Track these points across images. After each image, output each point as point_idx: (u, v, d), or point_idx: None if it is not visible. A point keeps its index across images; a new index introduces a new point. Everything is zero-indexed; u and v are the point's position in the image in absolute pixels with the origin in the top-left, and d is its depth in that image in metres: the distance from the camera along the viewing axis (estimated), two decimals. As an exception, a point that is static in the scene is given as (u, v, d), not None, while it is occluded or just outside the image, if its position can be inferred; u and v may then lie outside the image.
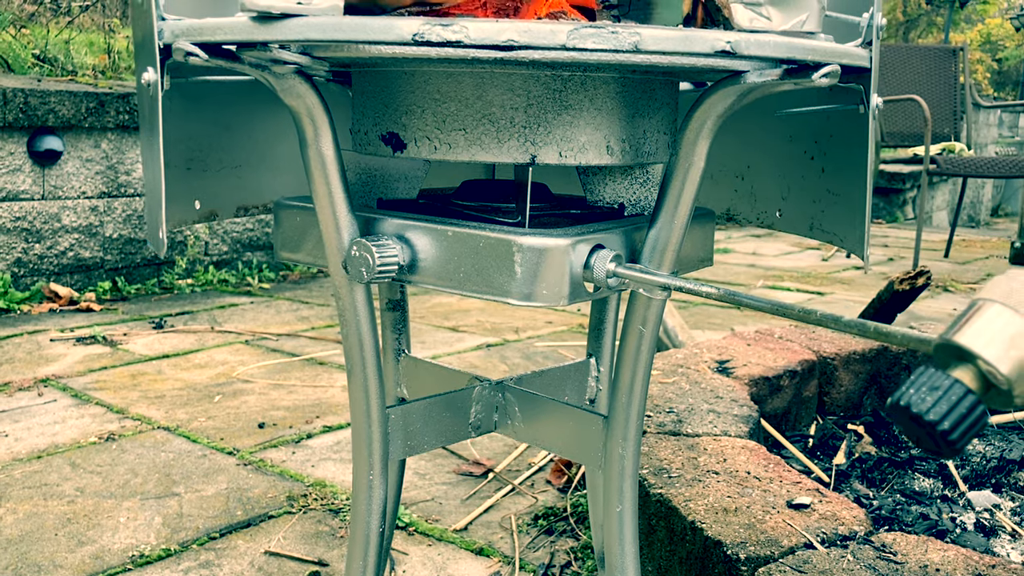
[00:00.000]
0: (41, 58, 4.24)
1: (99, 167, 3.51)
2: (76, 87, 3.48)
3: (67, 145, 3.41)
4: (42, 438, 1.98)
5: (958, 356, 0.40)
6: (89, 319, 3.12)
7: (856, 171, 0.82)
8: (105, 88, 3.58)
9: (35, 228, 3.36)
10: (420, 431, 0.82)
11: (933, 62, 5.25)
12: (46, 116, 3.30)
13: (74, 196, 3.46)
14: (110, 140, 3.53)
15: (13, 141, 3.27)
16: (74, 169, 3.44)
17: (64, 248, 3.44)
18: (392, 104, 0.73)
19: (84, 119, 3.41)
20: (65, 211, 3.43)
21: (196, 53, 0.60)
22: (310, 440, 2.00)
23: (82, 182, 3.47)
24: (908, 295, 2.02)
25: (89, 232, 3.50)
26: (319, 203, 0.72)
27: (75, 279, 3.49)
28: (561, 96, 0.69)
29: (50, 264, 3.41)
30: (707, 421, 1.47)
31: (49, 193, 3.39)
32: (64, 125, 3.37)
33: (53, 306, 3.28)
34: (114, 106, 3.49)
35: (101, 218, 3.53)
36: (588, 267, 0.69)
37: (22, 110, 3.24)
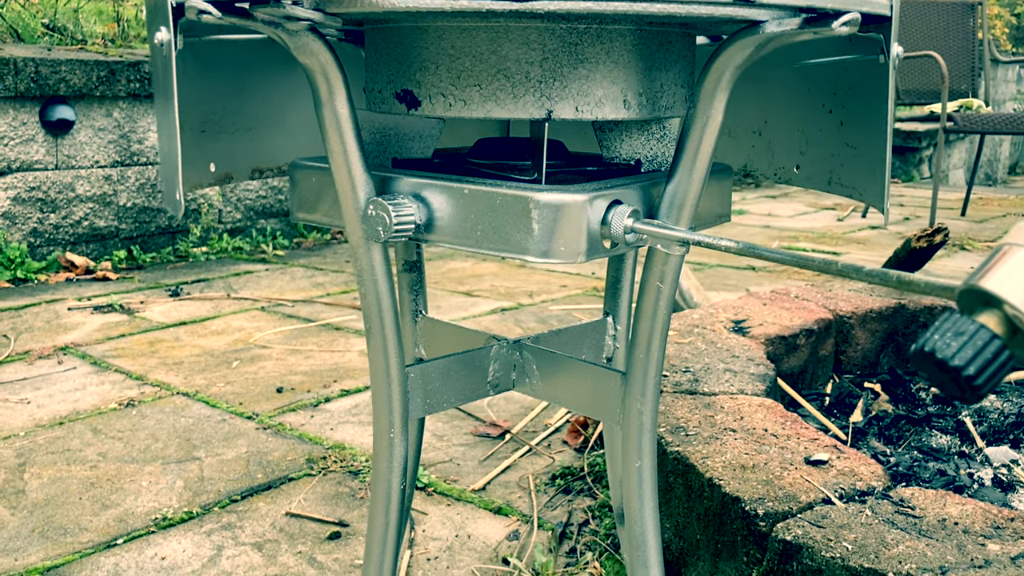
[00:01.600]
0: (50, 27, 4.23)
1: (111, 136, 3.51)
2: (86, 56, 3.48)
3: (79, 114, 3.41)
4: (64, 405, 2.00)
5: (984, 302, 0.40)
6: (106, 288, 3.14)
7: (875, 123, 0.81)
8: (115, 56, 3.57)
9: (50, 198, 3.37)
10: (439, 389, 0.82)
11: (950, 17, 5.17)
12: (57, 85, 3.30)
13: (87, 165, 3.46)
14: (122, 109, 3.52)
15: (25, 111, 3.27)
16: (87, 138, 3.44)
17: (79, 217, 3.46)
18: (406, 61, 0.72)
19: (95, 88, 3.40)
20: (79, 180, 3.44)
21: (209, 11, 0.60)
22: (328, 404, 2.02)
23: (95, 151, 3.47)
24: (925, 252, 2.01)
25: (103, 201, 3.51)
26: (335, 163, 0.72)
27: (91, 248, 3.50)
28: (577, 49, 0.69)
29: (66, 234, 3.43)
30: (723, 380, 1.47)
31: (62, 163, 3.40)
32: (75, 94, 3.36)
33: (70, 275, 3.30)
34: (125, 75, 3.49)
35: (115, 187, 3.54)
36: (606, 223, 0.69)
37: (33, 80, 3.24)
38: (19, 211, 3.30)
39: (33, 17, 4.18)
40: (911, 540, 0.97)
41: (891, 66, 0.71)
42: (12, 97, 3.22)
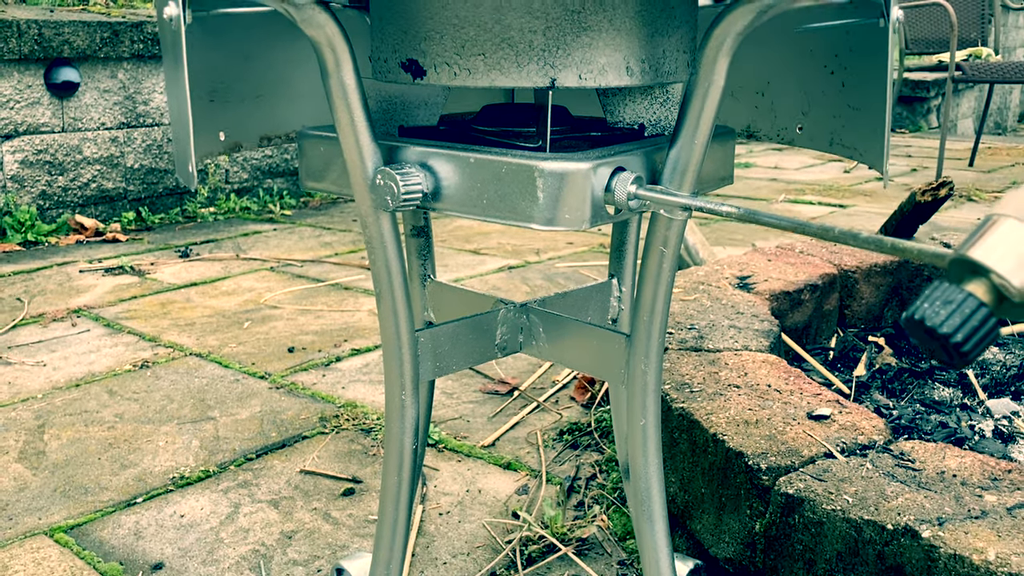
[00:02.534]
0: (51, -12, 4.20)
1: (117, 97, 3.51)
2: (89, 17, 3.46)
3: (84, 76, 3.40)
4: (79, 367, 2.04)
5: (972, 270, 0.41)
6: (116, 249, 3.16)
7: (876, 85, 0.82)
8: (119, 17, 3.55)
9: (57, 160, 3.38)
10: (448, 353, 0.84)
11: (961, -36, 5.09)
12: (61, 47, 3.29)
13: (94, 127, 3.47)
14: (126, 70, 3.52)
15: (30, 74, 3.27)
16: (92, 100, 3.44)
17: (87, 180, 3.47)
18: (411, 31, 0.73)
19: (99, 49, 3.39)
20: (86, 143, 3.45)
21: (217, -13, 0.61)
22: (339, 363, 2.05)
23: (101, 113, 3.47)
24: (930, 206, 2.01)
25: (111, 163, 3.52)
26: (342, 133, 0.73)
27: (99, 210, 3.52)
28: (580, 17, 0.70)
29: (74, 196, 3.45)
30: (728, 336, 1.49)
31: (69, 125, 3.40)
32: (79, 56, 3.36)
33: (80, 237, 3.32)
34: (128, 35, 3.47)
35: (122, 148, 3.55)
36: (609, 190, 0.70)
37: (37, 42, 3.23)
38: (27, 174, 3.31)
39: (33, -23, 4.16)
40: (910, 492, 1.00)
41: (891, 29, 0.71)
42: (16, 60, 3.22)
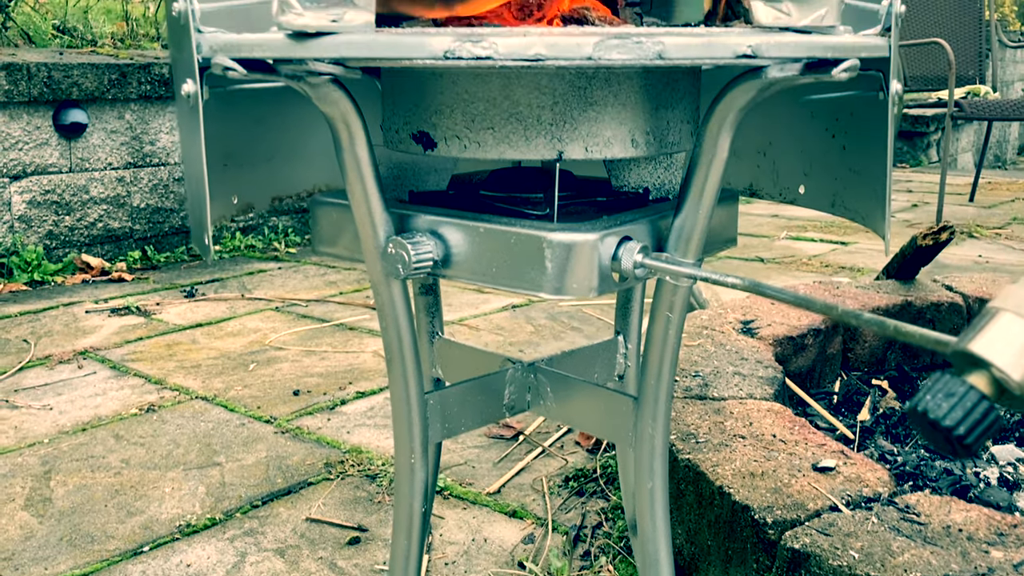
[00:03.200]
0: (61, 29, 4.26)
1: (124, 138, 3.54)
2: (98, 59, 3.51)
3: (91, 117, 3.44)
4: (85, 410, 2.05)
5: (972, 362, 0.43)
6: (121, 289, 3.18)
7: (877, 150, 0.83)
8: (126, 59, 3.60)
9: (64, 200, 3.41)
10: (457, 415, 0.85)
11: (957, 2, 5.15)
12: (70, 89, 3.33)
13: (101, 167, 3.50)
14: (133, 111, 3.56)
15: (39, 115, 3.31)
16: (99, 141, 3.48)
17: (93, 219, 3.50)
18: (422, 103, 0.75)
19: (107, 91, 3.44)
20: (93, 183, 3.48)
21: (235, 68, 0.63)
22: (344, 406, 2.06)
23: (108, 153, 3.51)
24: (931, 250, 2.03)
25: (117, 203, 3.56)
26: (355, 203, 0.74)
27: (105, 249, 3.55)
28: (586, 93, 0.71)
29: (80, 235, 3.47)
30: (733, 384, 1.50)
31: (76, 165, 3.44)
32: (88, 97, 3.40)
33: (86, 277, 3.34)
34: (136, 77, 3.52)
35: (128, 188, 3.58)
36: (616, 259, 0.72)
37: (46, 84, 3.27)
38: (35, 214, 3.34)
39: (43, 19, 4.22)
40: (916, 548, 1.00)
41: (891, 103, 0.73)
42: (26, 102, 3.26)
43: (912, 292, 2.07)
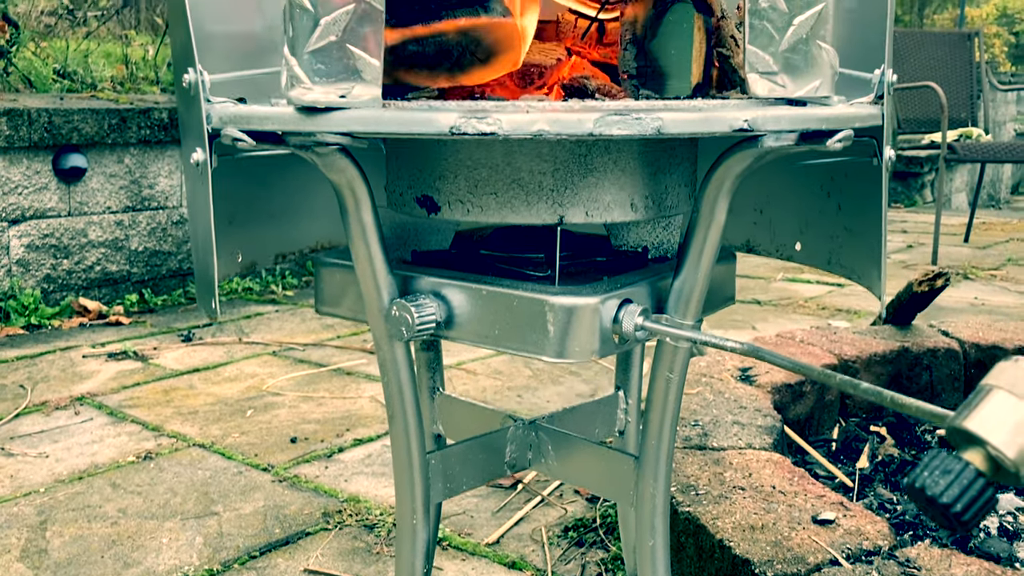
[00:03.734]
0: (61, 73, 4.30)
1: (123, 182, 3.57)
2: (98, 104, 3.54)
3: (91, 161, 3.47)
4: (82, 458, 2.04)
5: (968, 439, 0.44)
6: (119, 333, 3.18)
7: (872, 211, 0.85)
8: (126, 104, 3.64)
9: (63, 244, 3.43)
10: (459, 474, 0.86)
11: (948, 47, 5.23)
12: (70, 134, 3.36)
13: (99, 211, 3.52)
14: (132, 155, 3.59)
15: (39, 160, 3.33)
16: (98, 185, 3.50)
17: (91, 263, 3.51)
18: (426, 169, 0.76)
19: (107, 136, 3.47)
20: (91, 226, 3.50)
21: (244, 139, 0.64)
22: (342, 454, 2.05)
23: (107, 197, 3.53)
24: (927, 296, 2.05)
25: (115, 246, 3.57)
26: (360, 266, 0.76)
27: (103, 293, 3.55)
28: (586, 160, 0.73)
29: (78, 279, 3.48)
30: (732, 433, 1.51)
31: (75, 209, 3.46)
32: (88, 142, 3.43)
33: (83, 320, 3.34)
34: (136, 122, 3.55)
35: (126, 232, 3.60)
36: (617, 321, 0.73)
37: (47, 129, 3.30)
38: (33, 258, 3.35)
39: (44, 64, 4.26)
40: (917, 603, 1.00)
41: (884, 168, 0.75)
42: (26, 147, 3.28)
43: (909, 338, 2.09)
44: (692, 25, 0.70)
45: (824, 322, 3.27)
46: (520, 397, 2.45)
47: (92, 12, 5.98)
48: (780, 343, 2.06)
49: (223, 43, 0.86)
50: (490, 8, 0.68)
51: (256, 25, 0.92)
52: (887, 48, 0.75)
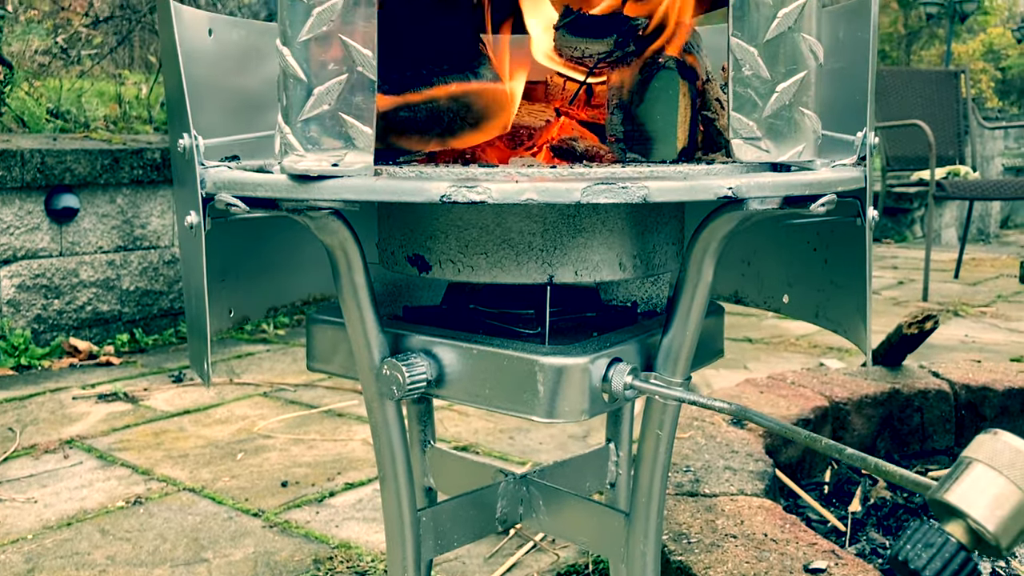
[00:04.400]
0: (55, 113, 4.33)
1: (115, 222, 3.58)
2: (91, 144, 3.56)
3: (83, 202, 3.48)
4: (70, 503, 2.03)
5: (949, 512, 0.44)
6: (109, 374, 3.17)
7: (857, 267, 0.86)
8: (119, 144, 3.65)
9: (54, 284, 3.42)
10: (450, 531, 0.86)
11: (935, 85, 5.30)
12: (63, 175, 3.38)
13: (91, 251, 3.52)
14: (125, 195, 3.60)
15: (31, 200, 3.34)
16: (90, 225, 3.51)
17: (82, 303, 3.51)
18: (417, 229, 0.77)
19: (100, 176, 3.48)
20: (83, 266, 3.50)
21: (237, 205, 0.65)
22: (333, 498, 2.04)
23: (98, 237, 3.54)
24: (917, 338, 2.06)
25: (107, 286, 3.57)
26: (351, 326, 0.76)
27: (94, 333, 3.55)
28: (575, 221, 0.74)
29: (69, 319, 3.47)
30: (724, 479, 1.51)
31: (67, 249, 3.46)
32: (80, 182, 3.44)
33: (73, 361, 3.33)
34: (128, 162, 3.57)
35: (118, 271, 3.60)
36: (607, 380, 0.73)
37: (39, 170, 3.32)
38: (23, 298, 3.35)
39: (38, 104, 4.28)
40: (909, 655, 1.00)
41: (867, 228, 0.76)
42: (19, 188, 3.29)
43: (899, 379, 2.10)
44: (677, 91, 0.72)
45: (815, 360, 3.29)
46: (512, 439, 2.44)
47: (86, 51, 6.03)
48: (771, 384, 2.07)
49: (218, 96, 0.87)
50: (480, 74, 0.70)
51: (250, 81, 0.93)
52: (869, 110, 0.77)
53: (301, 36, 0.62)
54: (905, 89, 5.31)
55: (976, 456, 0.44)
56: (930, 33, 21.60)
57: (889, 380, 2.08)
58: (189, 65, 0.77)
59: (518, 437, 2.45)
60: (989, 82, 21.71)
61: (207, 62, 0.85)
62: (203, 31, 0.85)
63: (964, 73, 5.23)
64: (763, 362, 3.27)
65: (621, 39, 0.71)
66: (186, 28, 0.80)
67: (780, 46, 0.67)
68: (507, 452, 2.34)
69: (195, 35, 0.83)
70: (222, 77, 0.88)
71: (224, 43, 0.88)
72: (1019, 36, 16.15)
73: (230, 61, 0.90)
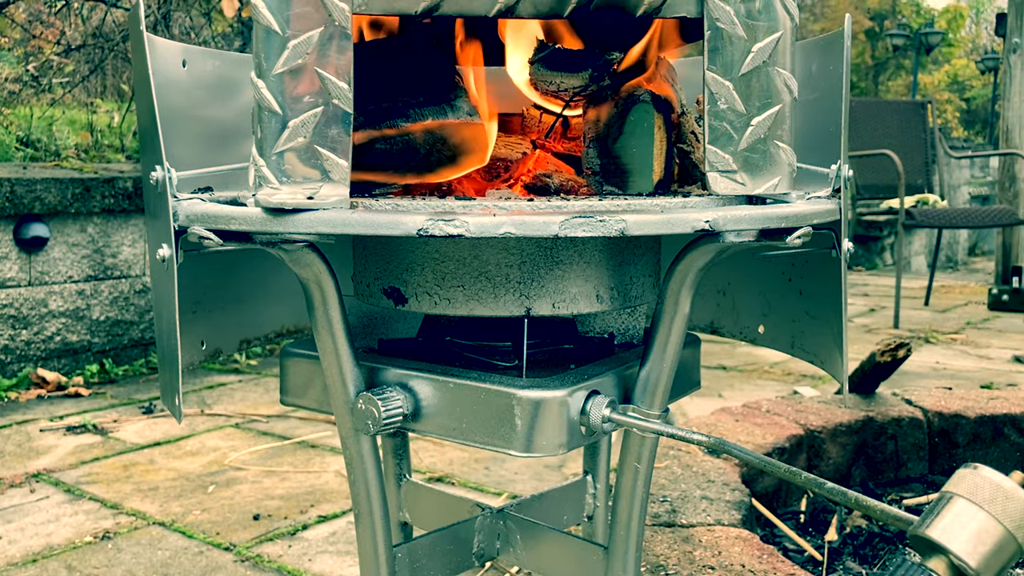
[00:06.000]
0: (25, 141, 4.29)
1: (85, 251, 3.54)
2: (62, 173, 3.52)
3: (53, 231, 3.44)
4: (36, 539, 1.98)
5: (931, 548, 0.44)
6: (78, 405, 3.12)
7: (832, 298, 0.86)
8: (91, 172, 3.62)
9: (22, 315, 3.37)
10: (426, 567, 0.84)
11: (903, 115, 5.39)
12: (32, 203, 3.34)
13: (61, 281, 3.48)
14: (96, 224, 3.56)
15: (0, 230, 3.29)
16: (60, 254, 3.46)
17: (51, 333, 3.45)
18: (393, 261, 0.77)
19: (70, 205, 3.44)
20: (52, 296, 3.45)
21: (211, 238, 0.64)
22: (305, 532, 2.01)
23: (68, 267, 3.49)
24: (890, 366, 2.07)
25: (76, 316, 3.52)
26: (326, 360, 0.75)
27: (62, 363, 3.49)
28: (552, 253, 0.74)
29: (37, 349, 3.42)
30: (700, 509, 1.50)
31: (36, 279, 3.41)
32: (50, 211, 3.40)
33: (41, 392, 3.27)
34: (100, 191, 3.53)
35: (88, 301, 3.55)
36: (584, 413, 0.73)
37: (8, 199, 3.27)
38: (-9, 329, 3.29)
39: (8, 132, 4.24)
40: None
41: (843, 259, 0.76)
42: (-13, 217, 3.25)
43: (873, 407, 2.11)
44: (653, 124, 0.72)
45: (789, 388, 3.30)
46: (488, 469, 2.42)
47: (57, 79, 5.99)
48: (747, 413, 2.07)
49: (191, 127, 0.86)
50: (457, 107, 0.70)
51: (223, 111, 0.93)
52: (843, 143, 0.77)
53: (276, 69, 0.61)
54: (874, 119, 5.39)
55: (957, 491, 0.44)
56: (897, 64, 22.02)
57: (863, 408, 2.09)
58: (162, 96, 0.76)
59: (493, 467, 2.43)
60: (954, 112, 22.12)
61: (180, 93, 0.85)
62: (177, 62, 0.84)
63: (931, 104, 5.32)
64: (737, 390, 3.27)
65: (596, 73, 0.71)
66: (159, 59, 0.80)
67: (755, 80, 0.67)
68: (483, 483, 2.32)
69: (168, 66, 0.82)
70: (195, 107, 0.88)
71: (197, 74, 0.87)
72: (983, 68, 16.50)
73: (203, 91, 0.89)
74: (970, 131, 21.32)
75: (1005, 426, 2.08)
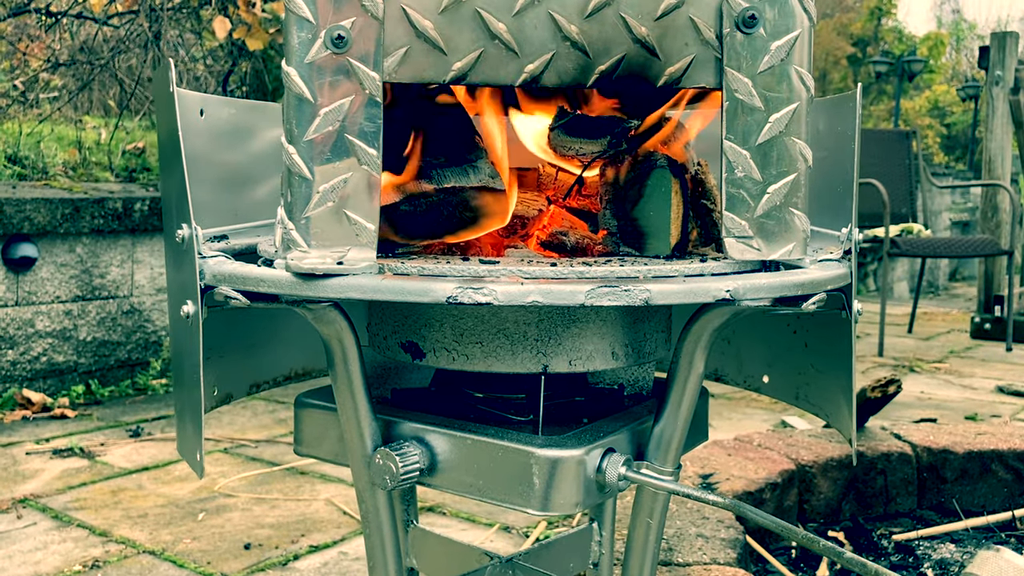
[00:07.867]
0: (12, 159, 4.27)
1: (73, 271, 3.52)
2: (51, 193, 3.51)
3: (42, 251, 3.42)
4: (24, 568, 1.96)
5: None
6: (64, 427, 3.09)
7: (840, 355, 0.88)
8: (80, 192, 3.61)
9: (8, 335, 3.35)
10: (438, 618, 0.85)
11: (888, 145, 5.46)
12: (21, 223, 3.32)
13: (48, 301, 3.46)
14: (85, 244, 3.55)
15: (-12, 250, 3.27)
16: (48, 274, 3.45)
17: (37, 353, 3.43)
18: (412, 316, 0.78)
19: (59, 225, 3.43)
20: (39, 316, 3.43)
21: (238, 299, 0.65)
22: (297, 562, 2.00)
23: (56, 287, 3.47)
24: (880, 401, 2.09)
25: (63, 336, 3.50)
26: (344, 414, 0.76)
27: (48, 384, 3.47)
28: (570, 311, 0.75)
29: (23, 370, 3.39)
30: (696, 547, 1.51)
31: (23, 299, 3.39)
32: (39, 231, 3.39)
33: (26, 413, 3.25)
34: (89, 211, 3.52)
35: (75, 322, 3.53)
36: (600, 471, 0.74)
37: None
38: (-23, 349, 3.27)
39: (-4, 150, 4.22)
40: None
41: (852, 320, 0.78)
42: (-24, 236, 3.23)
43: (863, 441, 2.13)
44: (670, 189, 0.74)
45: (778, 417, 3.32)
46: (491, 513, 2.42)
47: (45, 94, 5.97)
48: (738, 447, 2.08)
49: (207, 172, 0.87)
50: (478, 169, 0.71)
51: (238, 157, 0.94)
52: (853, 205, 0.79)
53: (307, 135, 0.62)
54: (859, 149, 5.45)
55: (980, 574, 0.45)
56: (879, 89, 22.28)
57: (853, 442, 2.11)
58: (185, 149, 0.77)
59: (497, 510, 2.43)
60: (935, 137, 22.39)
61: (198, 141, 0.85)
62: (195, 111, 0.85)
63: (915, 133, 5.39)
64: (726, 419, 3.29)
65: (614, 140, 0.73)
66: (181, 110, 0.80)
67: (772, 149, 0.69)
68: (474, 512, 2.32)
69: (188, 116, 0.83)
70: (211, 154, 0.88)
71: (213, 121, 0.88)
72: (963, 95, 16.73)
73: (220, 138, 0.90)
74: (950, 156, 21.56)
75: (992, 462, 2.11)
